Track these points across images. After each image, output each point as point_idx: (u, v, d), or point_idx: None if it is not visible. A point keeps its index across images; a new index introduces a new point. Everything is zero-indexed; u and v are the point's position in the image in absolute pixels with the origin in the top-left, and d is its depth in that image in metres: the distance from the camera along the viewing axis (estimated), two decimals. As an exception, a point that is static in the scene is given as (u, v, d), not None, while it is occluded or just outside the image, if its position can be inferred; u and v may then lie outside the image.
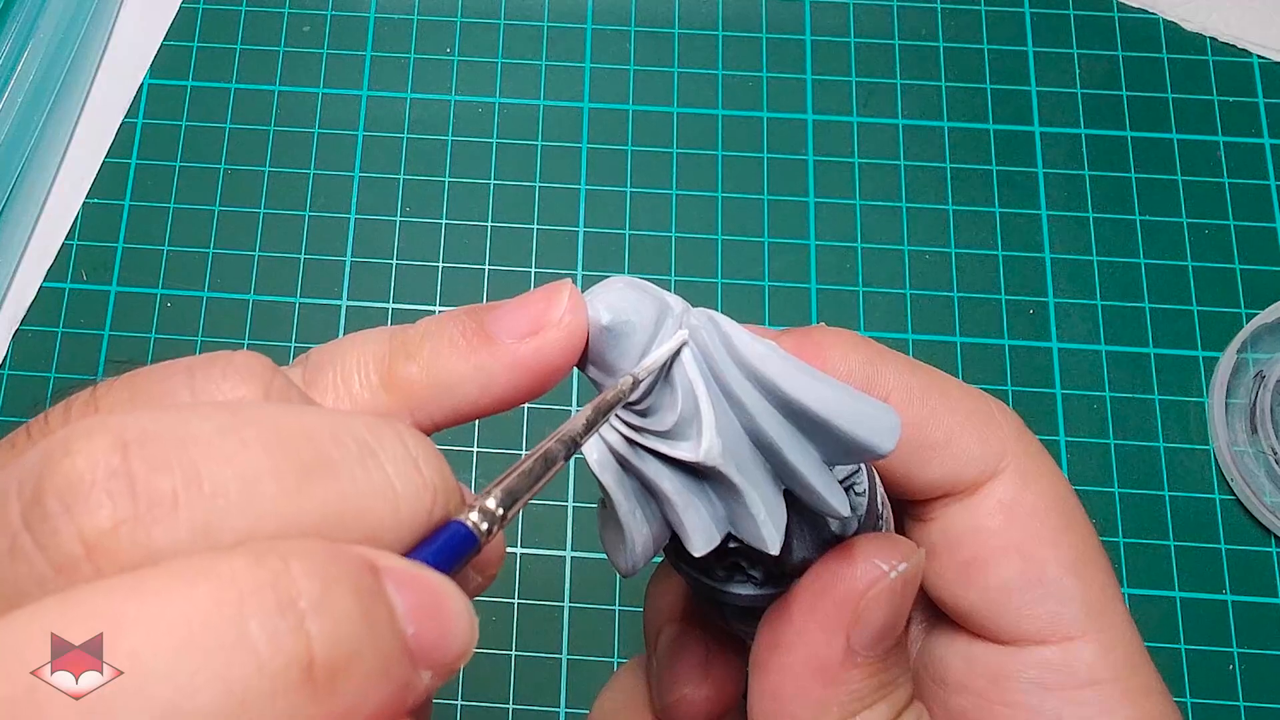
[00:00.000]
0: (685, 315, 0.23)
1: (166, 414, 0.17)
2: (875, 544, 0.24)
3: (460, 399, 0.22)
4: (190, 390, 0.19)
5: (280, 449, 0.17)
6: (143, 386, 0.19)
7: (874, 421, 0.21)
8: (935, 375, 0.27)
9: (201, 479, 0.16)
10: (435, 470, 0.18)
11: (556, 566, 0.51)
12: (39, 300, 0.54)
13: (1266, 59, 0.58)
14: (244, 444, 0.16)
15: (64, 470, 0.16)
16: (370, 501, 0.17)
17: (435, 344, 0.22)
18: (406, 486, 0.17)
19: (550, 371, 0.22)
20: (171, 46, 0.59)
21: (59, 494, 0.15)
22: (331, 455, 0.17)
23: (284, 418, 0.17)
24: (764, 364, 0.22)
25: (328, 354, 0.22)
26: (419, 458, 0.18)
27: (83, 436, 0.16)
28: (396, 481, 0.17)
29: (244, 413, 0.17)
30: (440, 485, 0.18)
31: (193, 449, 0.16)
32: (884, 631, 0.23)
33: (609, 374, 0.23)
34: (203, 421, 0.17)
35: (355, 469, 0.17)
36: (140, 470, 0.16)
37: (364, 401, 0.22)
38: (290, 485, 0.16)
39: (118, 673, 0.15)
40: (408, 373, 0.22)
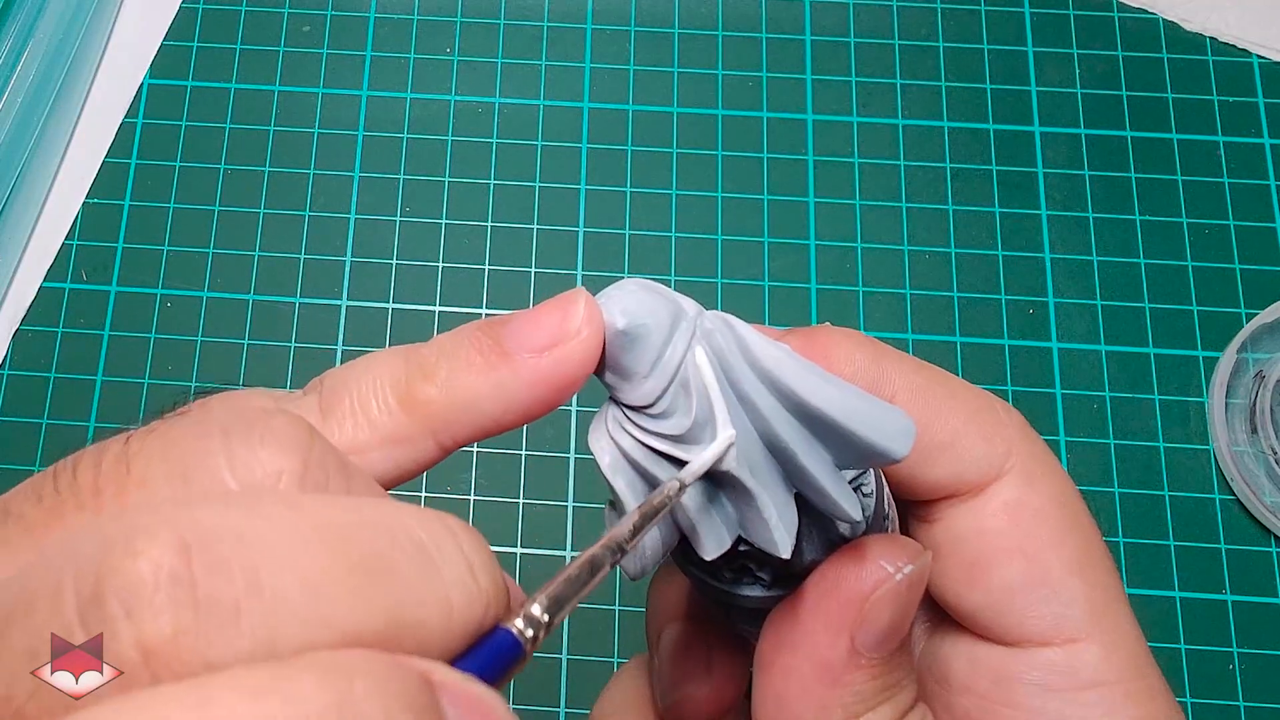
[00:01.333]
0: (699, 318, 0.23)
1: (229, 511, 0.16)
2: (882, 545, 0.24)
3: (481, 417, 0.22)
4: (227, 458, 0.18)
5: (343, 553, 0.16)
6: (177, 448, 0.18)
7: (889, 426, 0.21)
8: (940, 375, 0.27)
9: (264, 586, 0.15)
10: (489, 576, 0.18)
11: (556, 566, 0.51)
12: (39, 300, 0.54)
13: (1266, 59, 0.58)
14: (307, 548, 0.16)
15: (126, 571, 0.15)
16: (426, 610, 0.17)
17: (452, 364, 0.22)
18: (461, 595, 0.17)
19: (571, 383, 0.22)
20: (171, 46, 0.59)
21: (120, 596, 0.15)
22: (392, 561, 0.17)
23: (346, 517, 0.17)
24: (779, 368, 0.21)
25: (342, 379, 0.22)
26: (474, 563, 0.18)
27: (145, 534, 0.15)
28: (452, 590, 0.17)
29: (308, 511, 0.17)
30: (493, 591, 0.18)
31: (256, 552, 0.16)
32: (889, 633, 0.23)
33: (623, 378, 0.23)
34: (266, 520, 0.16)
35: (414, 576, 0.17)
36: (203, 576, 0.15)
37: (384, 425, 0.22)
38: (351, 593, 0.16)
39: (118, 672, 0.15)
40: (426, 394, 0.22)
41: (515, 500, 0.52)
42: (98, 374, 0.53)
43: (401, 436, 0.22)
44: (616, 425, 0.23)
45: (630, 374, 0.22)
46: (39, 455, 0.52)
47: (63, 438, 0.52)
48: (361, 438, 0.22)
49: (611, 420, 0.23)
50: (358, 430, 0.22)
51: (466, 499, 0.52)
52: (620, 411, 0.23)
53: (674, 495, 0.22)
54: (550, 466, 0.52)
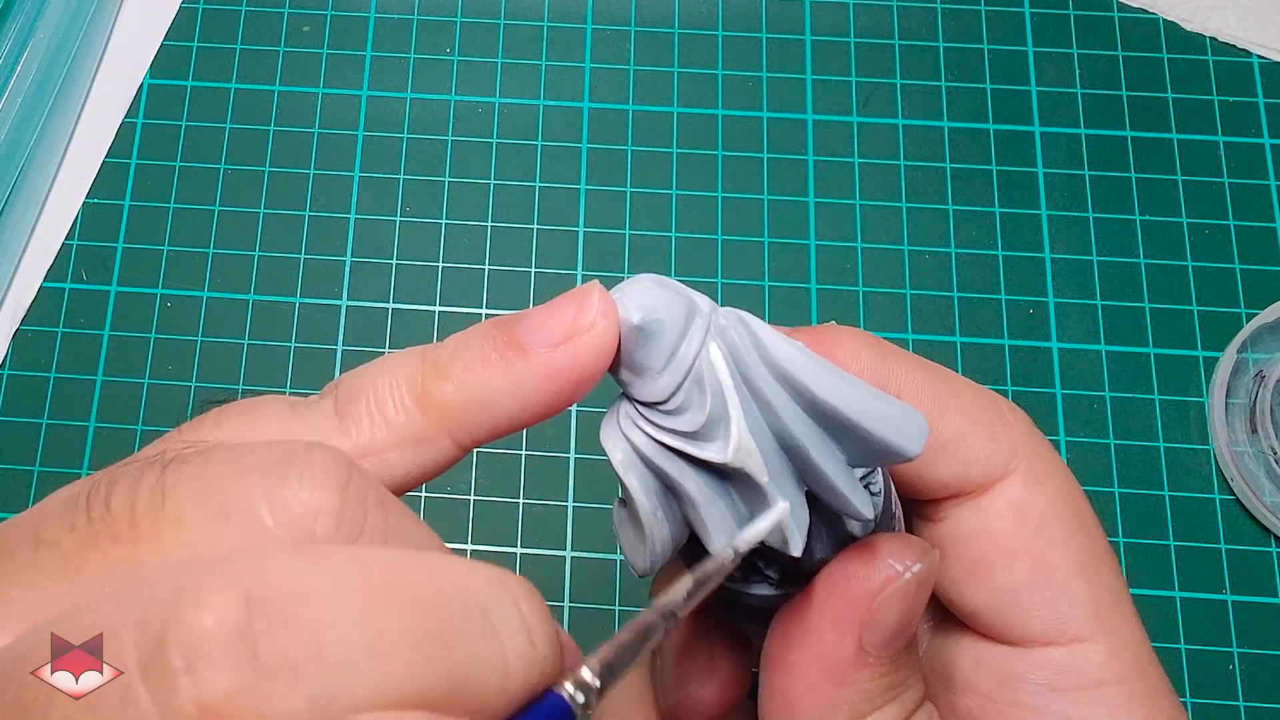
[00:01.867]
0: (714, 314, 0.23)
1: (294, 567, 0.16)
2: (891, 544, 0.24)
3: (498, 414, 0.22)
4: (266, 495, 0.18)
5: (408, 617, 0.16)
6: (215, 485, 0.18)
7: (903, 425, 0.21)
8: (945, 374, 0.27)
9: (325, 647, 0.15)
10: (545, 641, 0.18)
11: (556, 566, 0.51)
12: (39, 300, 0.54)
13: (1266, 59, 0.58)
14: (372, 609, 0.16)
15: (191, 624, 0.15)
16: (485, 676, 0.17)
17: (467, 361, 0.22)
18: (519, 661, 0.17)
19: (587, 378, 0.22)
20: (171, 46, 0.59)
21: (181, 649, 0.15)
22: (454, 624, 0.17)
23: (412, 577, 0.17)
24: (794, 365, 0.21)
25: (358, 381, 0.22)
26: (532, 628, 0.18)
27: (211, 587, 0.15)
28: (510, 654, 0.17)
29: (374, 571, 0.17)
30: (549, 656, 0.18)
31: (319, 612, 0.16)
32: (897, 632, 0.23)
33: (637, 374, 0.22)
34: (333, 578, 0.16)
35: (475, 640, 0.17)
36: (265, 634, 0.15)
37: (401, 426, 0.21)
38: (411, 658, 0.16)
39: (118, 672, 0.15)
40: (443, 393, 0.22)
41: (515, 500, 0.52)
42: (98, 374, 0.53)
43: (419, 436, 0.22)
44: (629, 421, 0.23)
45: (644, 369, 0.22)
46: (39, 455, 0.52)
47: (63, 438, 0.52)
48: (379, 439, 0.21)
49: (624, 416, 0.23)
50: (375, 431, 0.21)
51: (466, 499, 0.52)
52: (633, 407, 0.23)
53: (728, 563, 0.22)
54: (550, 466, 0.52)
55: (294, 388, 0.53)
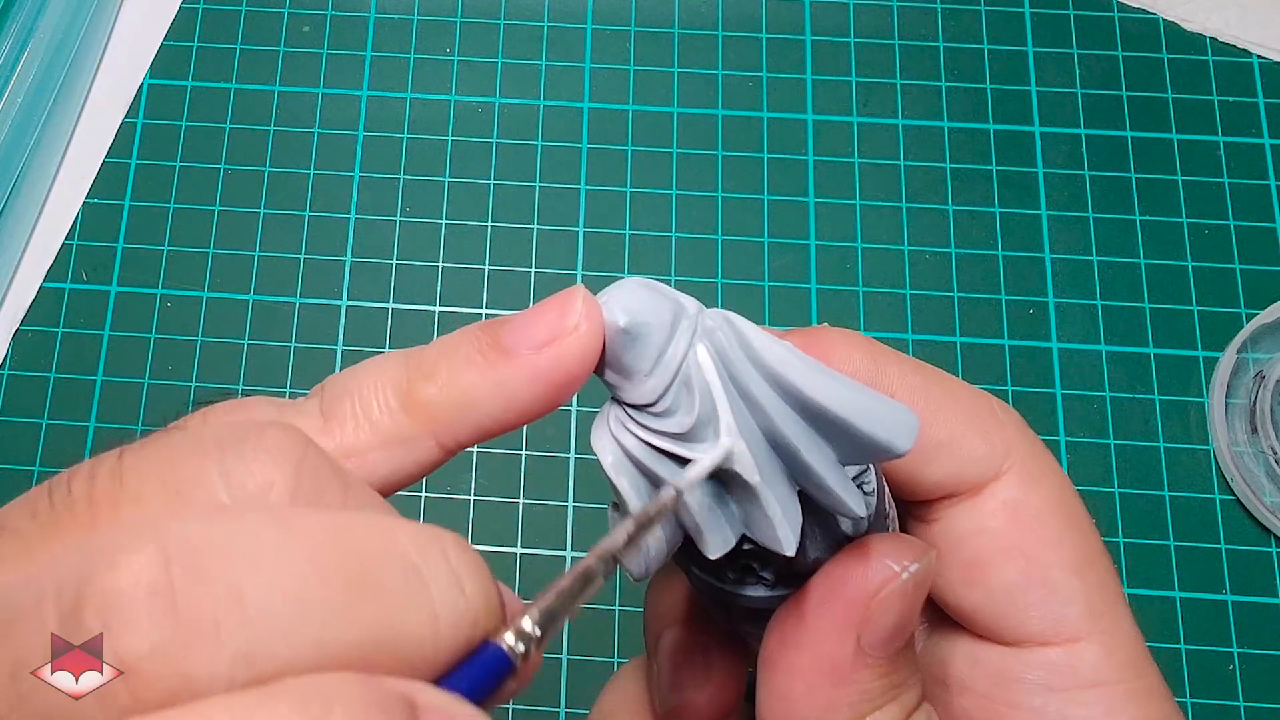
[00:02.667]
0: (700, 316, 0.23)
1: (213, 525, 0.16)
2: (888, 543, 0.24)
3: (483, 416, 0.22)
4: (220, 473, 0.18)
5: (328, 569, 0.16)
6: (170, 464, 0.18)
7: (892, 421, 0.21)
8: (938, 375, 0.27)
9: (246, 602, 0.15)
10: (479, 590, 0.18)
11: (557, 566, 0.51)
12: (39, 300, 0.54)
13: (1266, 59, 0.58)
14: (292, 563, 0.16)
15: (105, 584, 0.15)
16: (412, 626, 0.17)
17: (452, 363, 0.22)
18: (448, 611, 0.17)
19: (571, 380, 0.22)
20: (171, 46, 0.59)
21: (98, 609, 0.15)
22: (378, 576, 0.16)
23: (334, 531, 0.17)
24: (781, 365, 0.21)
25: (344, 382, 0.22)
26: (463, 577, 0.18)
27: (126, 548, 0.15)
28: (439, 605, 0.17)
29: (293, 525, 0.16)
30: (482, 607, 0.18)
31: (239, 567, 0.16)
32: (895, 632, 0.23)
33: (625, 377, 0.22)
34: (251, 534, 0.16)
35: (400, 591, 0.17)
36: (183, 590, 0.15)
37: (385, 427, 0.22)
38: (337, 610, 0.16)
39: (118, 672, 0.15)
40: (427, 394, 0.22)
41: (515, 500, 0.52)
42: (98, 374, 0.53)
43: (403, 437, 0.22)
44: (619, 424, 0.23)
45: (632, 372, 0.22)
46: (39, 455, 0.52)
47: (63, 438, 0.52)
48: (363, 439, 0.22)
49: (614, 419, 0.23)
50: (359, 432, 0.22)
51: (466, 499, 0.52)
52: (622, 411, 0.23)
53: (670, 503, 0.21)
54: (550, 466, 0.52)
55: (294, 388, 0.53)
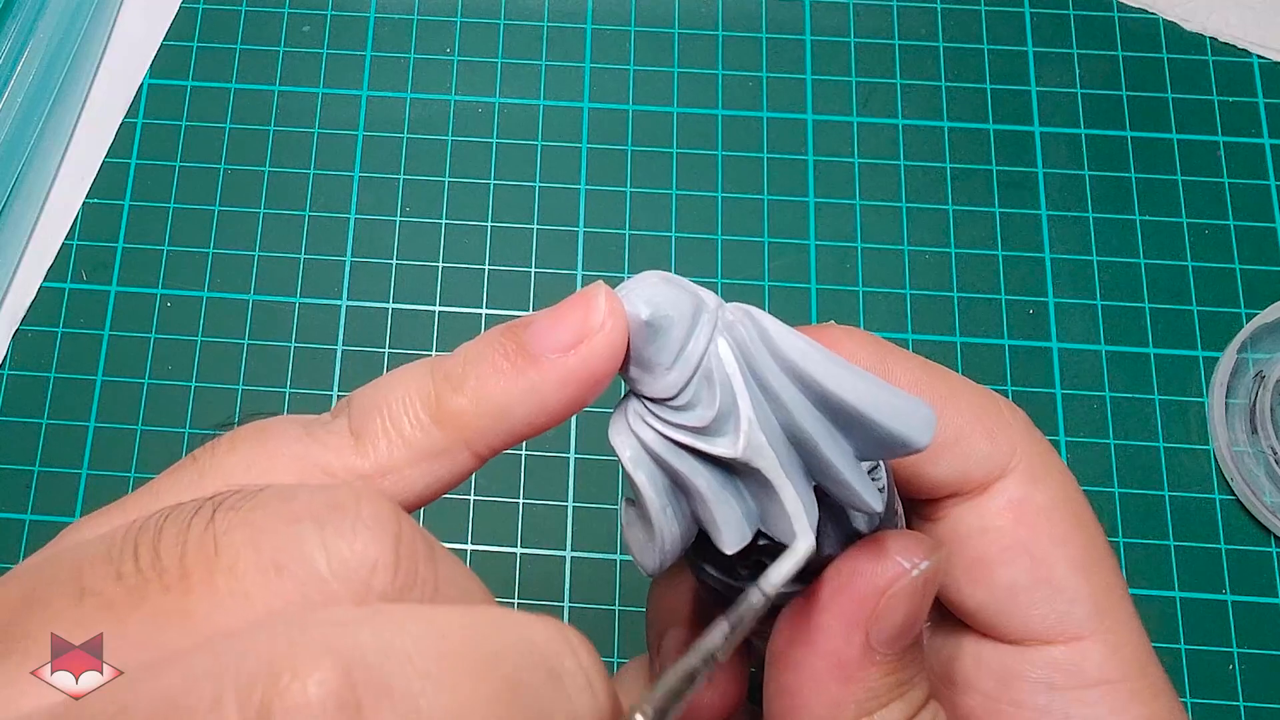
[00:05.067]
0: (720, 310, 0.23)
1: (388, 634, 0.16)
2: (898, 540, 0.24)
3: (515, 423, 0.22)
4: (322, 546, 0.18)
5: (488, 677, 0.16)
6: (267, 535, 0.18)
7: (911, 416, 0.21)
8: (944, 373, 0.27)
9: (421, 714, 0.15)
10: (605, 692, 0.18)
11: (556, 566, 0.51)
12: (39, 300, 0.54)
13: (1266, 59, 0.58)
14: (460, 673, 0.16)
15: (294, 695, 0.15)
16: None
17: (480, 372, 0.22)
18: (586, 713, 0.17)
19: (601, 379, 0.22)
20: (171, 46, 0.59)
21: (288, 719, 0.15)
22: (530, 682, 0.17)
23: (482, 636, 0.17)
24: (804, 358, 0.21)
25: (371, 398, 0.22)
26: (593, 679, 0.18)
27: (310, 657, 0.15)
28: (579, 707, 0.17)
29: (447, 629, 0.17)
30: (608, 706, 0.18)
31: (414, 679, 0.16)
32: (904, 629, 0.23)
33: (646, 370, 0.22)
34: (420, 645, 0.16)
35: (546, 696, 0.17)
36: (367, 703, 0.15)
37: (418, 441, 0.21)
38: (500, 718, 0.16)
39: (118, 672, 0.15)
40: (457, 406, 0.21)
41: (515, 500, 0.52)
42: (98, 374, 0.53)
43: (437, 450, 0.22)
44: (637, 418, 0.23)
45: (653, 366, 0.22)
46: (39, 455, 0.52)
47: (63, 438, 0.52)
48: (397, 456, 0.21)
49: (632, 413, 0.23)
50: (393, 449, 0.21)
51: (466, 499, 0.52)
52: (641, 404, 0.23)
53: (759, 605, 0.22)
54: (550, 466, 0.52)
55: (294, 388, 0.53)
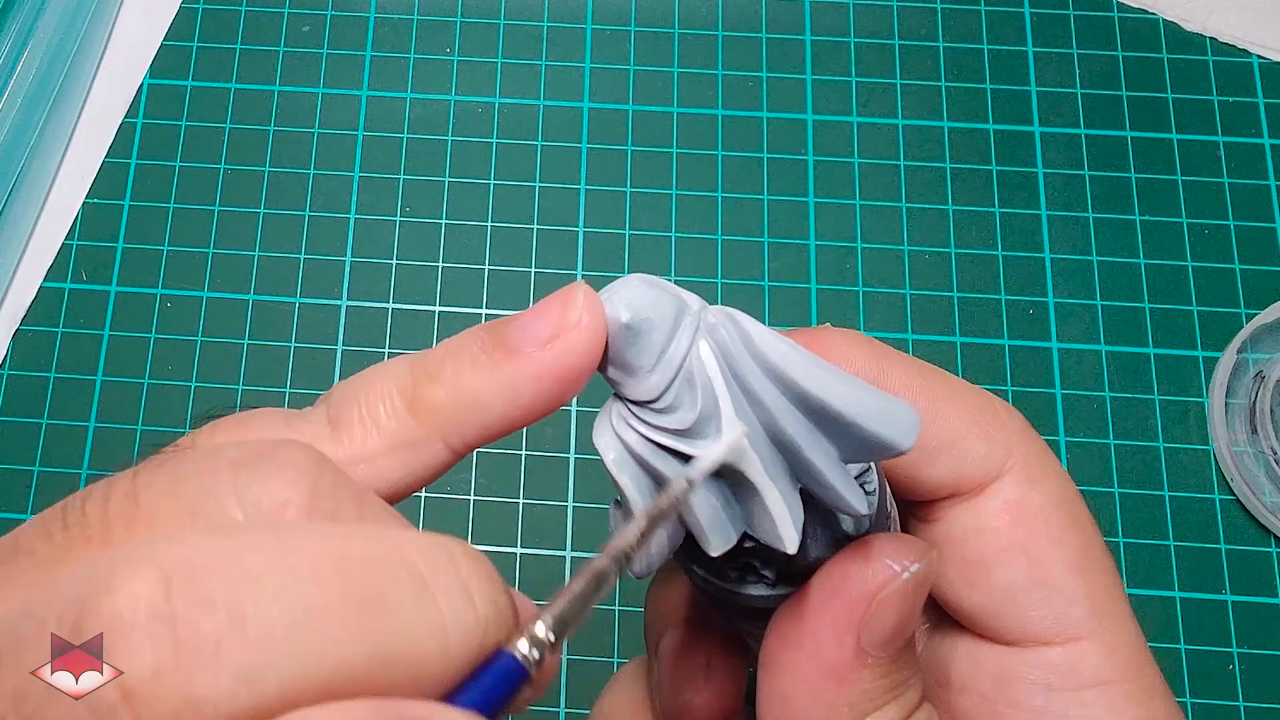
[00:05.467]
0: (703, 313, 0.23)
1: (213, 543, 0.16)
2: (888, 543, 0.24)
3: (489, 416, 0.22)
4: (235, 491, 0.18)
5: (333, 584, 0.16)
6: (185, 483, 0.18)
7: (894, 418, 0.21)
8: (940, 375, 0.27)
9: (247, 620, 0.15)
10: (488, 599, 0.17)
11: (556, 566, 0.51)
12: (39, 300, 0.54)
13: (1266, 59, 0.58)
14: (295, 578, 0.16)
15: (105, 607, 0.15)
16: (421, 641, 0.16)
17: (457, 364, 0.22)
18: (458, 623, 0.17)
19: (575, 376, 0.22)
20: (171, 46, 0.59)
21: (99, 634, 0.15)
22: (385, 590, 0.16)
23: (338, 545, 0.17)
24: (785, 361, 0.21)
25: (350, 390, 0.22)
26: (472, 586, 0.17)
27: (125, 570, 0.15)
28: (448, 617, 0.17)
29: (296, 540, 0.16)
30: (493, 615, 0.17)
31: (240, 584, 0.15)
32: (895, 632, 0.23)
33: (627, 373, 0.23)
34: (252, 551, 0.16)
35: (408, 606, 0.16)
36: (183, 610, 0.15)
37: (393, 431, 0.22)
38: (342, 626, 0.16)
39: (118, 672, 0.15)
40: (433, 396, 0.22)
41: (515, 500, 0.52)
42: (98, 374, 0.53)
43: (411, 440, 0.22)
44: (621, 421, 0.23)
45: (634, 368, 0.22)
46: (39, 455, 0.52)
47: (63, 438, 0.52)
48: (371, 445, 0.22)
49: (616, 416, 0.23)
50: (367, 438, 0.22)
51: (466, 499, 0.52)
52: (624, 407, 0.23)
53: (682, 496, 0.21)
54: (550, 466, 0.52)
55: (294, 388, 0.53)
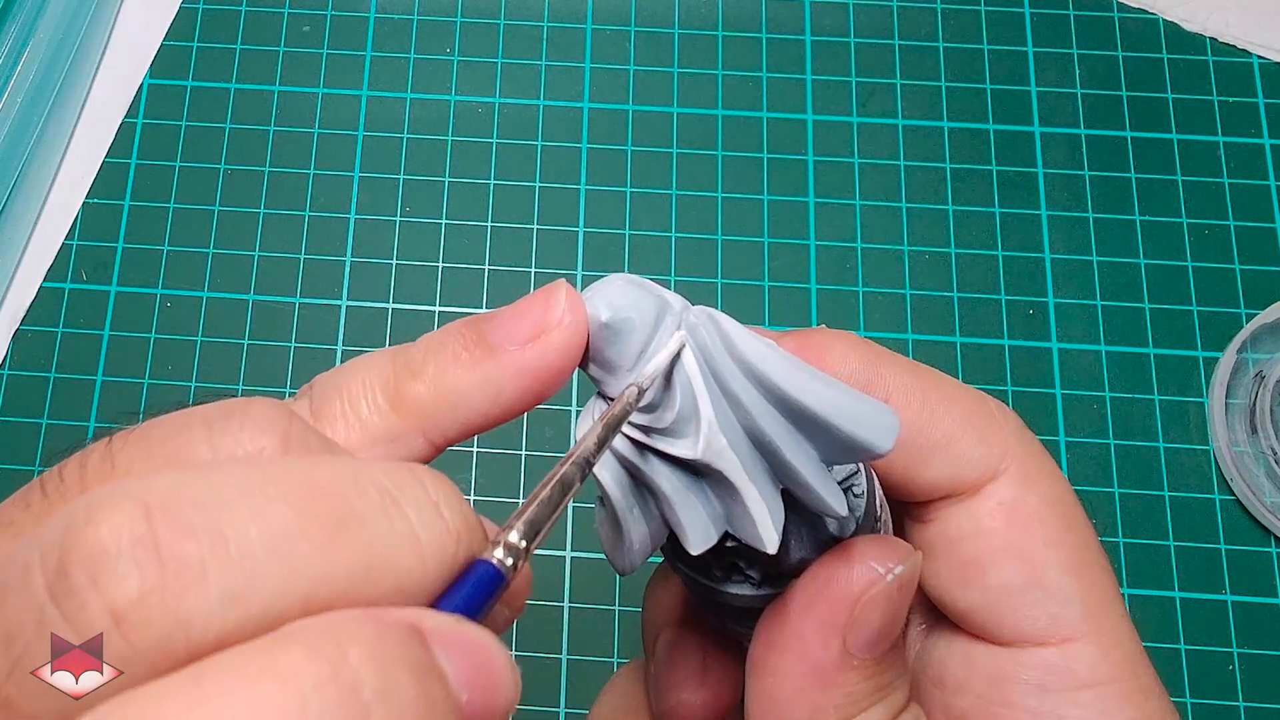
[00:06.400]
0: (685, 313, 0.23)
1: (189, 475, 0.16)
2: (872, 546, 0.24)
3: (470, 412, 0.22)
4: (209, 444, 0.18)
5: (305, 504, 0.16)
6: (159, 441, 0.19)
7: (872, 421, 0.21)
8: (935, 376, 0.27)
9: (228, 541, 0.15)
10: (457, 511, 0.18)
11: (556, 566, 0.51)
12: (39, 300, 0.54)
13: (1266, 59, 0.58)
14: (269, 501, 0.16)
15: (88, 540, 0.15)
16: (396, 551, 0.17)
17: (439, 360, 0.22)
18: (430, 532, 0.17)
19: (555, 374, 0.22)
20: (171, 46, 0.59)
21: (84, 565, 0.15)
22: (355, 507, 0.17)
23: (306, 470, 0.17)
24: (763, 362, 0.22)
25: (332, 382, 0.22)
26: (440, 501, 0.18)
27: (105, 504, 0.16)
28: (420, 528, 0.17)
29: (266, 468, 0.17)
30: (463, 526, 0.18)
31: (217, 510, 0.16)
32: (880, 634, 0.23)
33: (609, 372, 0.23)
34: (226, 480, 0.16)
35: (379, 519, 0.17)
36: (165, 536, 0.15)
37: (374, 426, 0.22)
38: (317, 541, 0.16)
39: (118, 672, 0.15)
40: (415, 392, 0.22)
41: (515, 500, 0.52)
42: (98, 374, 0.53)
43: (392, 435, 0.22)
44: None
45: (614, 367, 0.23)
46: (39, 455, 0.52)
47: (63, 438, 0.52)
48: (352, 438, 0.22)
49: (597, 413, 0.23)
50: (349, 431, 0.22)
51: (466, 499, 0.51)
52: (606, 405, 0.23)
53: (634, 402, 0.22)
54: (549, 466, 0.52)
55: (293, 388, 0.53)
